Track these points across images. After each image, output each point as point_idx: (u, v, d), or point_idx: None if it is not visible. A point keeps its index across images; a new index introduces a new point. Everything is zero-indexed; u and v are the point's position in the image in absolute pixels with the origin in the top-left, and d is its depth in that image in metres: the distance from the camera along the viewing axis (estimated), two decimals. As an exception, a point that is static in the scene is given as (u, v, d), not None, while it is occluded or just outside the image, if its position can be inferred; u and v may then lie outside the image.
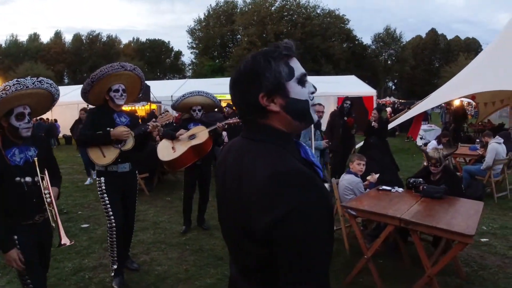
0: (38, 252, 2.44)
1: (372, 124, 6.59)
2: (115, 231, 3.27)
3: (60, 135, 15.99)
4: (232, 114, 7.65)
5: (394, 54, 56.62)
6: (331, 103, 16.90)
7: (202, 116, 4.65)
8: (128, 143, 3.29)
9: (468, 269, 3.69)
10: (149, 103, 13.61)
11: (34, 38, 57.23)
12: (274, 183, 0.90)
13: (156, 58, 60.84)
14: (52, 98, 2.49)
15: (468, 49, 53.79)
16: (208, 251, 4.16)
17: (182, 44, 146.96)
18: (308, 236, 0.88)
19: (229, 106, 8.59)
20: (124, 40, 66.69)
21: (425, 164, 4.31)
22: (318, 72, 38.68)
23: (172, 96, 16.29)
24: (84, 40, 58.14)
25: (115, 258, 3.33)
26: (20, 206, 2.29)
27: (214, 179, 1.34)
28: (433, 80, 52.02)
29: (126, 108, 11.27)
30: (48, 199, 2.29)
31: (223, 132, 5.70)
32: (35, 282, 2.36)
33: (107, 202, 3.25)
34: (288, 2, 48.98)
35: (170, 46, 63.73)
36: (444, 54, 57.61)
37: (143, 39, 63.16)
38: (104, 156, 3.23)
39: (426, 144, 9.64)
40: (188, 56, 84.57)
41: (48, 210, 2.28)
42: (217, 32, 51.54)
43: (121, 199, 3.39)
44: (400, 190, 4.06)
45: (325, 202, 0.92)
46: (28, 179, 2.30)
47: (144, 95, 12.70)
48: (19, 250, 2.26)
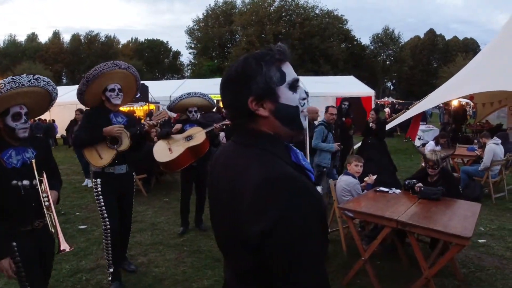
0: (41, 261, 2.35)
1: (370, 125, 6.61)
2: (110, 234, 3.25)
3: (58, 135, 15.97)
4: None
5: (393, 54, 56.70)
6: (330, 104, 16.85)
7: (198, 117, 4.66)
8: (124, 144, 3.26)
9: (465, 270, 3.70)
10: (147, 104, 13.57)
11: (33, 38, 57.13)
12: (264, 190, 0.89)
13: (154, 58, 60.73)
14: (50, 98, 2.39)
15: (466, 49, 53.89)
16: (205, 252, 4.15)
17: (181, 44, 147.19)
18: (302, 241, 0.88)
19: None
20: (123, 40, 67.04)
21: (423, 165, 4.31)
22: (317, 72, 38.74)
23: (170, 96, 16.21)
24: (83, 40, 58.01)
25: (111, 261, 3.30)
26: (17, 211, 2.20)
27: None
28: (431, 80, 52.09)
29: (124, 108, 11.30)
30: (46, 202, 2.20)
31: (221, 133, 5.70)
32: None
33: (103, 204, 3.24)
34: (286, 3, 48.98)
35: (169, 46, 63.77)
36: (442, 55, 57.65)
37: (142, 39, 63.23)
38: (100, 158, 3.21)
39: (424, 145, 9.64)
40: (186, 56, 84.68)
41: (47, 214, 2.19)
42: (216, 32, 51.49)
43: (117, 201, 3.37)
44: (397, 191, 4.06)
45: (317, 206, 0.92)
46: (25, 183, 2.20)
47: (142, 95, 12.66)
48: (18, 257, 2.18)
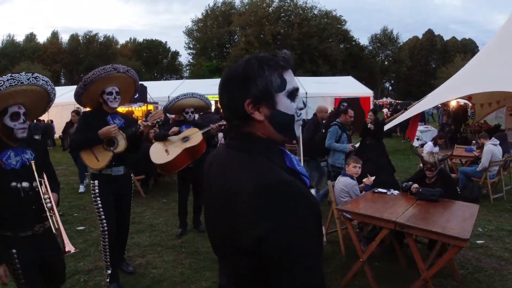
0: (41, 267, 2.27)
1: (368, 126, 6.60)
2: (108, 235, 3.25)
3: (56, 135, 15.93)
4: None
5: (391, 55, 56.75)
6: (328, 104, 16.93)
7: (196, 118, 4.65)
8: (121, 145, 3.25)
9: (463, 271, 3.70)
10: (145, 104, 13.56)
11: (31, 38, 57.01)
12: (259, 196, 0.88)
13: (153, 58, 60.63)
14: (48, 98, 2.35)
15: (465, 50, 53.94)
16: (204, 253, 4.14)
17: (179, 44, 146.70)
18: (300, 245, 0.88)
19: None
20: (121, 40, 66.94)
21: (421, 165, 4.31)
22: (315, 73, 38.82)
23: (169, 96, 16.23)
24: (81, 40, 57.92)
25: (109, 263, 3.30)
26: (17, 214, 2.12)
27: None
28: (429, 81, 52.16)
29: (123, 109, 11.27)
30: (49, 204, 2.15)
31: (219, 134, 5.69)
32: None
33: (100, 205, 3.23)
34: (285, 3, 48.99)
35: (167, 47, 63.68)
36: (441, 55, 57.74)
37: (140, 39, 63.12)
38: (97, 160, 3.20)
39: (422, 145, 9.65)
40: (185, 57, 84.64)
41: (49, 216, 2.14)
42: (214, 32, 51.47)
43: (115, 203, 3.36)
44: (395, 192, 4.06)
45: (313, 210, 0.92)
46: (25, 185, 2.13)
47: (141, 95, 12.66)
48: (18, 265, 2.11)
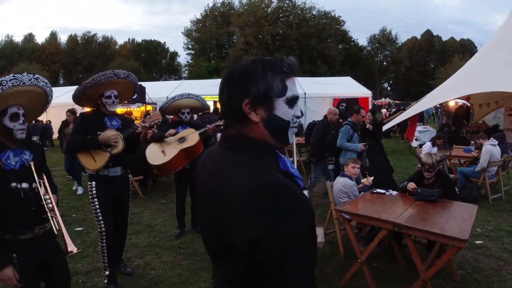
0: (43, 271, 2.24)
1: (367, 126, 6.60)
2: (105, 236, 3.24)
3: (55, 136, 15.89)
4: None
5: (390, 55, 56.82)
6: (327, 104, 16.96)
7: (196, 118, 4.64)
8: (118, 146, 3.24)
9: (462, 272, 3.69)
10: (144, 105, 13.54)
11: (30, 38, 56.92)
12: (257, 197, 0.89)
13: (151, 59, 60.57)
14: (46, 100, 2.35)
15: (463, 50, 54.02)
16: (202, 254, 4.13)
17: (178, 45, 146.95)
18: (294, 247, 0.89)
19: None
20: (120, 41, 66.60)
21: (419, 166, 4.31)
22: (314, 73, 38.85)
23: (167, 97, 16.19)
24: (80, 41, 57.86)
25: (106, 264, 3.29)
26: (17, 216, 2.08)
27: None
28: (428, 81, 52.24)
29: (121, 110, 11.24)
30: (50, 205, 2.13)
31: (218, 134, 5.68)
32: None
33: (98, 206, 3.23)
34: (284, 4, 49.01)
35: (166, 47, 63.66)
36: (439, 55, 57.80)
37: (139, 39, 63.06)
38: (94, 161, 3.19)
39: (421, 146, 9.66)
40: (184, 57, 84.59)
41: (50, 217, 2.12)
42: (213, 33, 51.46)
43: (113, 203, 3.36)
44: (394, 193, 4.05)
45: (307, 212, 0.93)
46: (24, 185, 2.10)
47: (140, 96, 12.65)
48: (18, 270, 2.07)
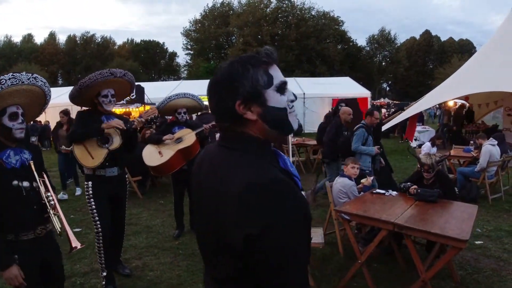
0: (44, 272, 2.22)
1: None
2: (102, 237, 3.23)
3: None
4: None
5: (389, 55, 56.76)
6: (326, 105, 17.00)
7: (190, 118, 4.62)
8: (115, 142, 3.23)
9: (462, 272, 3.68)
10: (143, 105, 13.52)
11: (28, 39, 56.80)
12: (253, 195, 0.88)
13: (150, 59, 60.42)
14: (44, 100, 2.35)
15: (462, 50, 54.01)
16: (200, 255, 4.10)
17: (177, 45, 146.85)
18: (290, 246, 0.89)
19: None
20: (119, 41, 66.51)
21: (418, 166, 4.29)
22: (313, 73, 38.79)
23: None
24: (78, 41, 57.76)
25: (104, 264, 3.28)
26: (19, 215, 2.07)
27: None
28: (427, 81, 52.17)
29: (120, 110, 11.21)
30: (52, 202, 2.14)
31: (217, 134, 5.66)
32: None
33: (94, 207, 3.20)
34: (283, 4, 48.97)
35: (165, 47, 63.54)
36: (438, 56, 57.79)
37: (138, 40, 62.86)
38: (92, 158, 3.17)
39: (420, 146, 9.65)
40: (183, 57, 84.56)
41: (52, 214, 2.12)
42: (212, 33, 51.42)
43: (110, 204, 3.34)
44: (394, 193, 4.04)
45: (303, 212, 0.93)
46: (25, 184, 2.10)
47: (138, 96, 12.63)
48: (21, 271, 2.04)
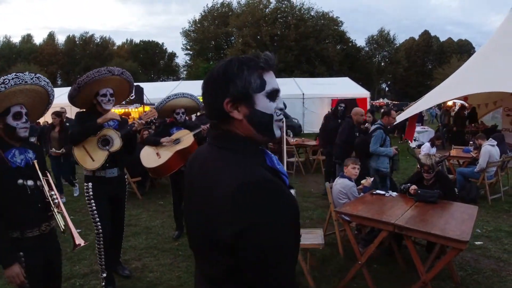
0: (46, 270, 2.25)
1: (366, 125, 6.60)
2: (102, 238, 3.22)
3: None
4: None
5: (388, 56, 56.85)
6: (325, 105, 17.01)
7: (191, 119, 4.61)
8: (116, 144, 3.22)
9: (462, 273, 3.68)
10: (142, 105, 13.51)
11: (27, 39, 56.78)
12: (241, 194, 0.90)
13: (150, 59, 60.44)
14: (48, 100, 2.37)
15: (461, 50, 54.05)
16: (201, 256, 4.11)
17: (176, 45, 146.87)
18: (278, 244, 0.91)
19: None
20: (118, 42, 66.62)
21: (418, 167, 4.30)
22: (312, 74, 38.82)
23: (165, 98, 16.20)
24: (78, 42, 57.71)
25: (103, 266, 3.28)
26: (24, 212, 2.11)
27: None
28: (426, 81, 52.22)
29: (119, 110, 11.19)
30: (56, 200, 2.18)
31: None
32: None
33: (94, 208, 3.20)
34: (282, 4, 48.97)
35: (164, 48, 63.53)
36: (437, 56, 57.89)
37: (137, 40, 62.91)
38: (92, 160, 3.16)
39: (419, 146, 9.66)
40: (182, 58, 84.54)
41: (56, 212, 2.16)
42: (212, 33, 51.41)
43: (110, 205, 3.34)
44: (394, 194, 4.04)
45: (292, 210, 0.96)
46: (30, 183, 2.13)
47: (138, 97, 12.62)
48: (24, 269, 2.07)
